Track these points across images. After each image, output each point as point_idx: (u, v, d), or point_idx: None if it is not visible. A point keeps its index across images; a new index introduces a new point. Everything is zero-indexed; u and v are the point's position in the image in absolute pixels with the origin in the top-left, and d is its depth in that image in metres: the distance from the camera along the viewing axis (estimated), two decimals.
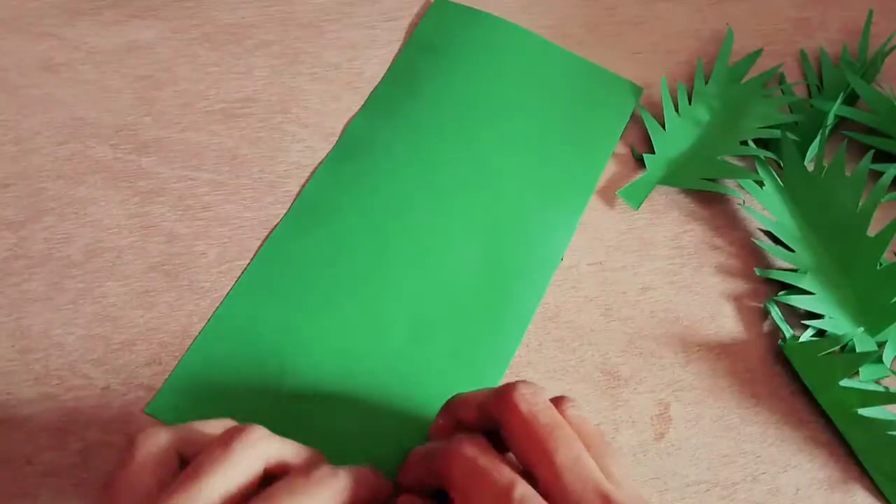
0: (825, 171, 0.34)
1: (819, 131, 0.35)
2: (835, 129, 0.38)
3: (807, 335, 0.32)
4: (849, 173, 0.34)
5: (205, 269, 0.30)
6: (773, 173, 0.35)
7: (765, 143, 0.37)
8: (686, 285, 0.33)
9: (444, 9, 0.38)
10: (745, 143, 0.36)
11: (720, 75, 0.38)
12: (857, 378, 0.31)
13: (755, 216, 0.34)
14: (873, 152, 0.33)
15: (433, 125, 0.34)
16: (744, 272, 0.34)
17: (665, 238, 0.34)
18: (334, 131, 0.34)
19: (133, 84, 0.33)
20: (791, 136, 0.35)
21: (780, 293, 0.33)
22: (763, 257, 0.34)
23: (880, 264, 0.32)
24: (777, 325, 0.32)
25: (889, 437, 0.29)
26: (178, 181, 0.32)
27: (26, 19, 0.34)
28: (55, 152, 0.31)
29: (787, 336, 0.32)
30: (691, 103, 0.37)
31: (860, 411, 0.30)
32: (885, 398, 0.30)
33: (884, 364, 0.31)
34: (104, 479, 0.22)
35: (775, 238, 0.34)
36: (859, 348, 0.31)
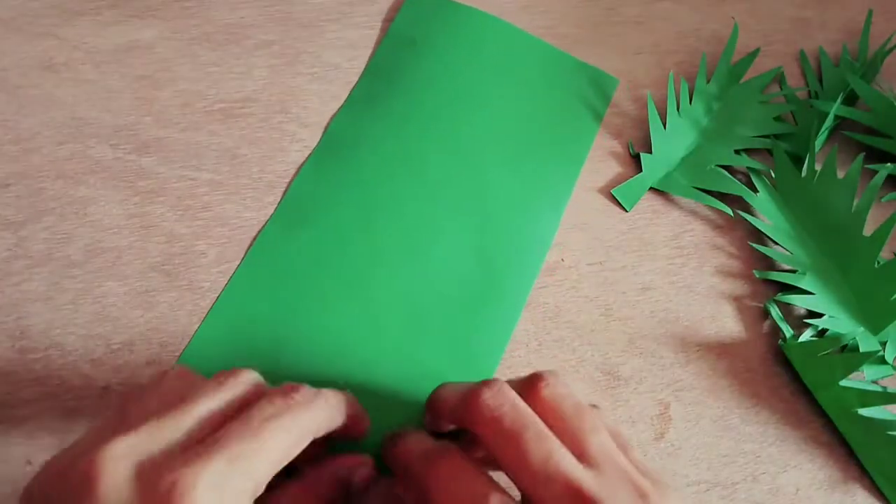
0: (817, 177, 0.34)
1: (818, 132, 0.35)
2: (835, 130, 0.38)
3: (807, 335, 0.32)
4: (843, 175, 0.34)
5: (205, 269, 0.30)
6: (765, 180, 0.35)
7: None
8: (686, 285, 0.33)
9: (421, 1, 0.38)
10: (738, 152, 0.36)
11: (722, 74, 0.38)
12: (859, 378, 0.31)
13: (751, 220, 0.34)
14: (864, 154, 0.34)
15: (413, 118, 0.34)
16: (744, 272, 0.34)
17: (665, 238, 0.34)
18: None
19: (133, 84, 0.33)
20: (784, 144, 0.36)
21: (779, 293, 0.33)
22: (763, 258, 0.34)
23: (878, 263, 0.32)
24: (777, 325, 0.32)
25: (889, 437, 0.29)
26: (178, 181, 0.32)
27: (26, 19, 0.34)
28: (55, 152, 0.31)
29: (787, 336, 0.32)
30: (692, 102, 0.37)
31: (860, 411, 0.30)
32: (884, 398, 0.30)
33: (889, 364, 0.31)
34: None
35: (773, 240, 0.34)
36: (862, 347, 0.31)
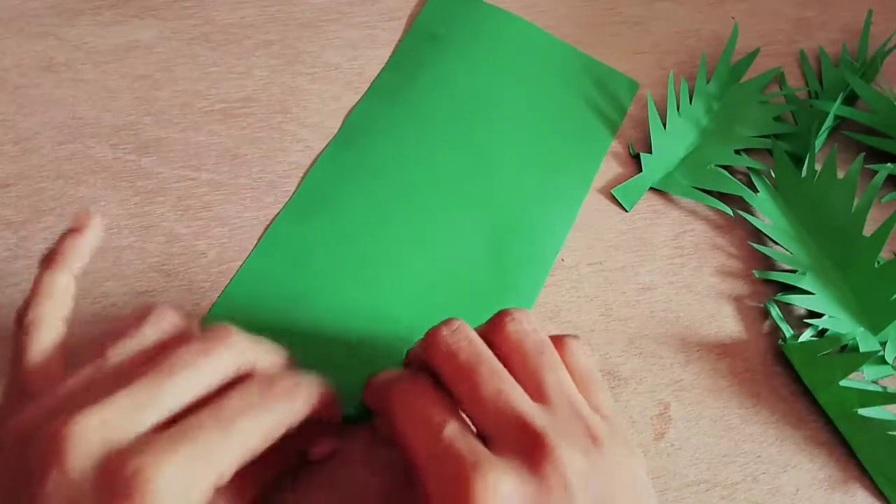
0: (817, 177, 0.34)
1: (818, 132, 0.35)
2: (835, 130, 0.38)
3: (807, 335, 0.32)
4: (843, 176, 0.34)
5: (205, 268, 0.30)
6: (765, 180, 0.35)
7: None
8: (686, 285, 0.33)
9: None
10: (738, 152, 0.36)
11: (722, 74, 0.38)
12: (859, 378, 0.31)
13: (751, 220, 0.34)
14: (864, 154, 0.33)
15: (431, 114, 0.34)
16: (744, 272, 0.34)
17: (665, 238, 0.34)
18: (334, 131, 0.34)
19: (133, 84, 0.33)
20: (784, 144, 0.36)
21: (779, 293, 0.33)
22: (763, 258, 0.34)
23: (878, 263, 0.32)
24: (777, 325, 0.32)
25: (889, 437, 0.29)
26: (178, 181, 0.32)
27: (26, 19, 0.34)
28: (55, 152, 0.31)
29: (787, 336, 0.32)
30: (692, 102, 0.37)
31: (860, 411, 0.30)
32: (884, 398, 0.30)
33: (889, 364, 0.31)
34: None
35: (773, 240, 0.34)
36: (862, 347, 0.31)
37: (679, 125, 0.36)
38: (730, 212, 0.34)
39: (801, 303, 0.32)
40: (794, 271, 0.33)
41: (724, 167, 0.36)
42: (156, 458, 0.17)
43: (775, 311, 0.32)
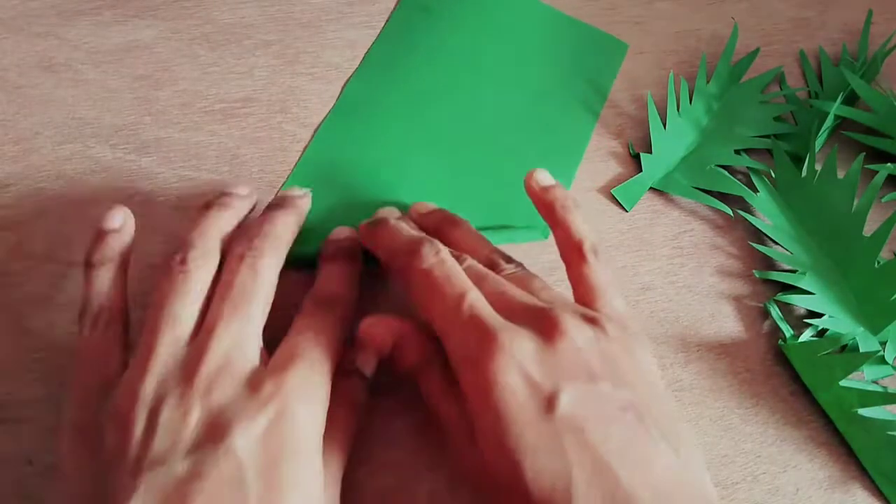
0: (817, 176, 0.34)
1: (818, 132, 0.35)
2: (835, 130, 0.38)
3: (807, 335, 0.32)
4: (843, 175, 0.34)
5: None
6: (765, 180, 0.35)
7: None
8: (686, 285, 0.33)
9: None
10: (738, 152, 0.36)
11: (722, 74, 0.38)
12: (859, 378, 0.31)
13: (751, 220, 0.34)
14: (864, 154, 0.33)
15: (425, 85, 0.35)
16: (744, 272, 0.34)
17: (665, 238, 0.34)
18: None
19: (133, 84, 0.33)
20: (784, 144, 0.36)
21: (779, 293, 0.33)
22: (763, 258, 0.34)
23: (878, 263, 0.32)
24: (777, 325, 0.32)
25: (889, 437, 0.29)
26: (178, 181, 0.32)
27: (26, 19, 0.34)
28: (55, 152, 0.31)
29: (787, 336, 0.32)
30: (692, 102, 0.37)
31: (860, 411, 0.30)
32: (884, 398, 0.30)
33: (889, 364, 0.31)
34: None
35: (773, 240, 0.34)
36: (862, 347, 0.31)
37: (679, 125, 0.36)
38: (730, 212, 0.34)
39: (801, 303, 0.32)
40: (794, 271, 0.33)
41: (724, 167, 0.36)
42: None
43: (775, 311, 0.32)
